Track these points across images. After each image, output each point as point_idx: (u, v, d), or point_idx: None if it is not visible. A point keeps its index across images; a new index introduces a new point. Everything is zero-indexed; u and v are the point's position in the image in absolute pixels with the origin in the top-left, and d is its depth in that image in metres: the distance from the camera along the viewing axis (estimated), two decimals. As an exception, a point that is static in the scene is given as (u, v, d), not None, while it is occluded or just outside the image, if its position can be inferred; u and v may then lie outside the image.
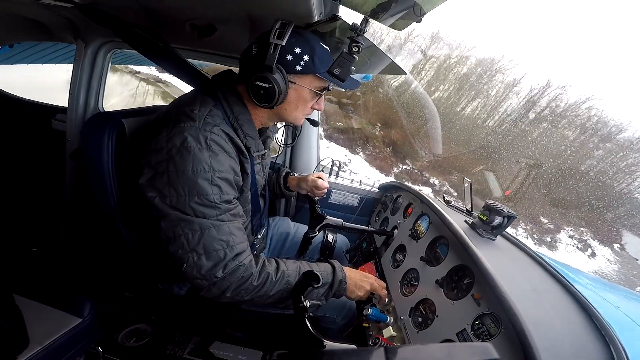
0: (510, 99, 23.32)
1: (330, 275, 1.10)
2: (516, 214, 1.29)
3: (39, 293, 1.21)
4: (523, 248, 1.37)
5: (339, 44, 1.34)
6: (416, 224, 1.51)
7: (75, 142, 1.63)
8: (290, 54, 0.97)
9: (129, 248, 1.25)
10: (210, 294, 0.99)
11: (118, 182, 1.18)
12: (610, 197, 18.52)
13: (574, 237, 16.65)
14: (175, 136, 0.92)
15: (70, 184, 1.72)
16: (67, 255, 1.89)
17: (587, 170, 19.85)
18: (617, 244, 17.10)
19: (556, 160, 19.41)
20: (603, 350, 0.84)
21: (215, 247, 0.94)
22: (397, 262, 1.45)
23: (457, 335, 0.95)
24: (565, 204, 17.37)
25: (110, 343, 1.44)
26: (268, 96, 0.97)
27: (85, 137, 1.15)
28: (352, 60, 0.94)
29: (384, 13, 0.94)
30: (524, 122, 21.92)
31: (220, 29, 1.26)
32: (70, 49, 2.81)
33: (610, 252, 16.51)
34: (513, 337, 0.81)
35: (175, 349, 1.48)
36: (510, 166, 18.71)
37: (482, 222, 1.31)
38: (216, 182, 0.94)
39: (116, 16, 1.11)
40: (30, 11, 1.29)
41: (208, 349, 1.47)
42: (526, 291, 1.00)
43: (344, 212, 2.21)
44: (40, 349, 1.03)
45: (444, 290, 1.11)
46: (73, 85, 1.59)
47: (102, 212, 1.20)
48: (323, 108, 1.17)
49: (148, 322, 1.59)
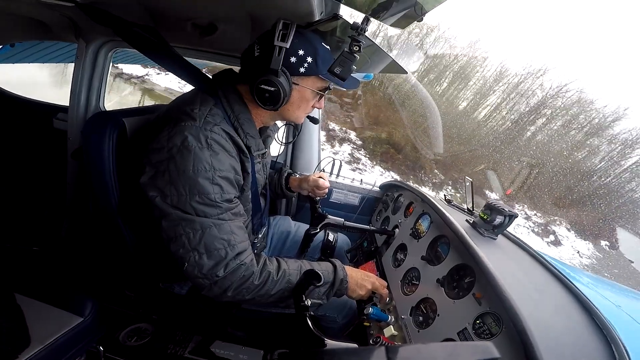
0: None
1: (331, 274, 1.10)
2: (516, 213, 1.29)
3: (40, 292, 1.22)
4: (524, 247, 1.37)
5: (339, 43, 1.34)
6: (417, 223, 1.51)
7: (77, 142, 1.63)
8: (294, 56, 0.98)
9: (130, 247, 1.25)
10: (212, 293, 0.99)
11: (119, 181, 1.18)
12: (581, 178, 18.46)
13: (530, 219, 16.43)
14: (176, 135, 0.92)
15: (71, 183, 1.72)
16: (69, 255, 1.89)
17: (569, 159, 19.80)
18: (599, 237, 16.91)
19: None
20: (604, 350, 0.84)
21: (216, 246, 0.94)
22: (398, 261, 1.45)
23: (458, 335, 0.95)
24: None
25: (112, 342, 1.45)
26: (273, 99, 0.98)
27: (86, 136, 1.16)
28: (353, 59, 0.94)
29: (384, 12, 0.94)
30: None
31: (220, 27, 1.26)
32: (72, 48, 2.81)
33: (583, 243, 16.35)
34: (514, 336, 0.80)
35: (176, 348, 1.48)
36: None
37: (483, 221, 1.31)
38: (217, 181, 0.94)
39: (117, 15, 1.11)
40: (31, 10, 1.29)
41: (209, 348, 1.47)
42: (527, 290, 1.00)
43: (345, 212, 2.22)
44: (41, 348, 1.04)
45: (445, 289, 1.11)
46: (74, 85, 1.59)
47: (104, 212, 1.20)
48: (324, 106, 1.17)
49: (149, 321, 1.59)
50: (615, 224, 17.53)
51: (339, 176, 2.27)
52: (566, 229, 16.74)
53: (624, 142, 20.34)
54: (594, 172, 19.74)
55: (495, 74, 23.67)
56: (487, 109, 22.96)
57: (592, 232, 16.76)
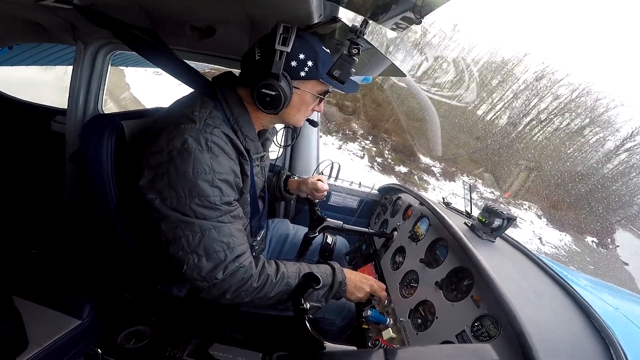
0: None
1: (330, 276, 1.10)
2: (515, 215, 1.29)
3: (38, 295, 1.21)
4: (522, 250, 1.37)
5: (338, 46, 1.34)
6: (416, 225, 1.51)
7: (75, 144, 1.63)
8: (294, 60, 0.98)
9: (128, 250, 1.25)
10: (210, 296, 0.99)
11: (118, 184, 1.18)
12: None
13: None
14: (176, 138, 0.92)
15: (69, 186, 1.71)
16: (67, 257, 1.88)
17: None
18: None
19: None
20: (602, 352, 0.84)
21: (215, 248, 0.94)
22: (397, 264, 1.45)
23: (456, 337, 0.95)
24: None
25: (110, 345, 1.44)
26: (274, 103, 0.98)
27: (84, 139, 1.16)
28: (352, 62, 0.94)
29: (383, 15, 0.94)
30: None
31: (219, 30, 1.26)
32: (70, 50, 2.80)
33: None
34: (512, 338, 0.81)
35: (174, 350, 1.48)
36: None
37: (481, 224, 1.31)
38: (217, 183, 0.94)
39: (115, 18, 1.11)
40: (29, 13, 1.29)
41: (207, 351, 1.47)
42: (525, 293, 1.00)
43: (344, 214, 2.22)
44: (39, 351, 1.03)
45: (444, 292, 1.11)
46: (72, 87, 1.59)
47: (102, 214, 1.19)
48: (323, 109, 1.18)
49: (147, 324, 1.58)
50: (619, 226, 17.43)
51: (337, 179, 2.27)
52: (536, 216, 16.64)
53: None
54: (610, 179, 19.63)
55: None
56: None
57: (579, 228, 16.60)
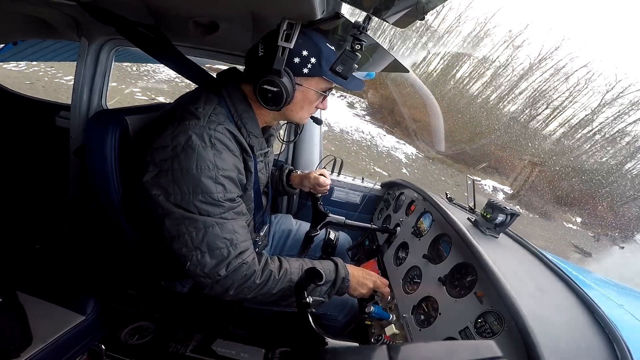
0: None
1: (333, 272, 1.10)
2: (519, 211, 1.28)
3: (42, 290, 1.22)
4: (526, 246, 1.36)
5: (341, 42, 1.33)
6: (419, 221, 1.51)
7: (79, 140, 1.64)
8: (297, 57, 0.97)
9: (132, 246, 1.25)
10: (214, 292, 0.99)
11: (121, 180, 1.18)
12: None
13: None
14: (180, 134, 0.92)
15: (73, 181, 1.72)
16: (71, 253, 1.90)
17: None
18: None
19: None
20: (607, 349, 0.83)
21: (218, 245, 0.94)
22: (400, 260, 1.45)
23: (459, 333, 0.95)
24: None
25: (113, 340, 1.45)
26: (276, 99, 0.98)
27: (88, 134, 1.16)
28: (355, 58, 0.94)
29: (386, 10, 0.93)
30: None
31: (223, 26, 1.26)
32: (74, 46, 2.79)
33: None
34: (516, 335, 0.80)
35: (177, 346, 1.48)
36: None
37: (485, 219, 1.30)
38: (220, 180, 0.94)
39: (119, 14, 1.11)
40: (34, 9, 1.29)
41: (210, 347, 1.48)
42: (529, 289, 1.00)
43: (346, 210, 2.22)
44: (43, 347, 1.04)
45: (447, 288, 1.11)
46: (77, 83, 1.59)
47: (106, 210, 1.20)
48: (327, 107, 1.17)
49: (151, 320, 1.59)
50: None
51: (340, 174, 2.27)
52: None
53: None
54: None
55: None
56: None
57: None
